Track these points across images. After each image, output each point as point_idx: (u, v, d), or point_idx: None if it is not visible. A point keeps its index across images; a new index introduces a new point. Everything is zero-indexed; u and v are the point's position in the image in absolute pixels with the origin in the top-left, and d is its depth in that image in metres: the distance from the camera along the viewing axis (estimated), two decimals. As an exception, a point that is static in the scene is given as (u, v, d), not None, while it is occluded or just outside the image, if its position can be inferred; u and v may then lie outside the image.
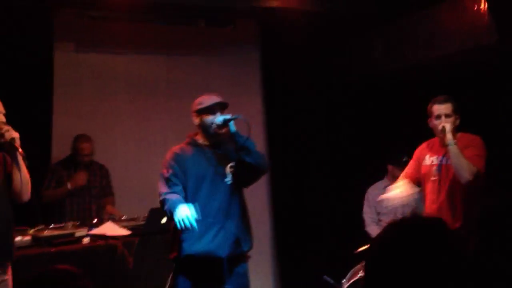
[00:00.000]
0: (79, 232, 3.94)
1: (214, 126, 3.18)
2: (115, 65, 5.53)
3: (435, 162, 3.60)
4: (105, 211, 4.73)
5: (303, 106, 5.78)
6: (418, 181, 3.77)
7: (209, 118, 3.22)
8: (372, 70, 5.37)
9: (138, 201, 3.63)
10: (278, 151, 5.89)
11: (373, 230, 4.86)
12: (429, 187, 3.61)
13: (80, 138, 4.78)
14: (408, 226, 1.21)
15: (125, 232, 4.00)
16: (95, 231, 4.00)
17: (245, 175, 3.24)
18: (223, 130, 3.18)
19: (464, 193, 3.46)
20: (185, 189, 3.18)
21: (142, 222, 4.07)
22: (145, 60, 5.65)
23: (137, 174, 5.12)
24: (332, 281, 4.56)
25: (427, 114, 3.60)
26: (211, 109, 3.24)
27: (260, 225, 5.88)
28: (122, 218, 4.38)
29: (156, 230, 3.88)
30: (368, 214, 4.95)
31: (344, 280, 4.35)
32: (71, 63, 5.29)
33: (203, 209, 3.09)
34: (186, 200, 3.12)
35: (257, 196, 5.89)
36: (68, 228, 4.00)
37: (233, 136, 3.16)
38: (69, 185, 4.61)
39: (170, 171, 3.17)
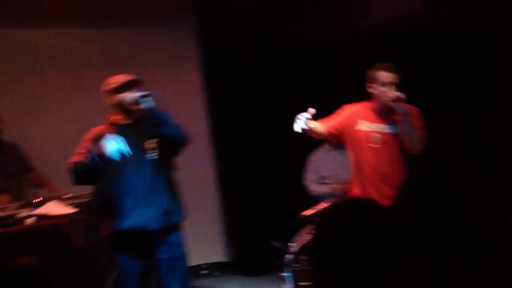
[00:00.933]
0: (21, 213, 3.84)
1: (129, 103, 3.20)
2: (46, 40, 5.34)
3: (375, 129, 3.59)
4: (48, 189, 4.60)
5: (244, 75, 5.78)
6: (336, 138, 3.77)
7: (123, 96, 3.23)
8: (310, 38, 5.41)
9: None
10: (221, 121, 5.91)
11: (316, 188, 5.00)
12: (367, 154, 3.58)
13: None
14: (346, 210, 1.26)
15: (70, 210, 3.94)
16: (39, 211, 3.91)
17: (167, 149, 3.30)
18: (138, 107, 3.18)
19: (402, 162, 3.54)
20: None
21: (88, 199, 4.00)
22: (78, 34, 5.49)
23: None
24: (279, 245, 4.68)
25: (369, 79, 3.56)
26: (124, 87, 3.25)
27: (207, 194, 5.93)
28: (67, 196, 4.30)
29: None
30: (310, 178, 5.08)
31: (291, 243, 4.47)
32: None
33: (130, 185, 3.18)
34: (111, 179, 3.20)
35: (203, 166, 5.93)
36: (9, 209, 3.88)
37: (149, 112, 3.19)
38: None
39: (83, 145, 3.24)
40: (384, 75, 3.48)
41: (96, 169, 3.12)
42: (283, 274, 4.42)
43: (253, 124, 5.82)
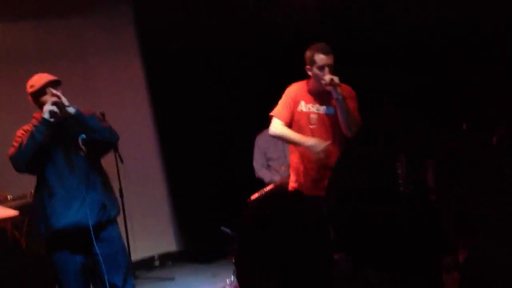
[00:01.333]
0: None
1: (47, 113, 3.14)
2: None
3: (314, 110, 3.63)
4: None
5: (186, 63, 5.74)
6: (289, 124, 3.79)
7: (43, 100, 3.20)
8: (249, 20, 5.42)
9: (22, 177, 3.48)
10: (165, 110, 5.86)
11: (264, 174, 5.07)
12: (305, 135, 3.61)
13: None
14: (273, 203, 1.28)
15: (12, 212, 3.85)
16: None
17: (96, 150, 3.35)
18: (60, 115, 3.16)
19: (339, 142, 3.62)
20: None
21: (30, 200, 3.91)
22: (10, 28, 5.30)
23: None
24: (229, 231, 4.73)
25: (306, 61, 3.57)
26: (43, 90, 3.22)
27: (154, 185, 5.90)
28: (8, 198, 4.19)
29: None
30: (258, 161, 5.13)
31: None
32: None
33: (62, 184, 3.19)
34: (44, 175, 3.20)
35: (149, 157, 5.89)
36: None
37: (74, 118, 3.18)
38: None
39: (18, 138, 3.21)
40: (320, 58, 3.49)
41: (35, 145, 3.10)
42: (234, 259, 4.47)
43: (198, 111, 5.80)
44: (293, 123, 3.68)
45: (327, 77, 3.44)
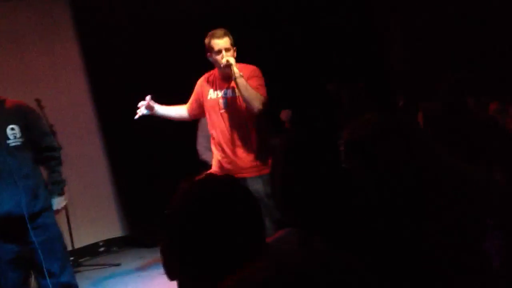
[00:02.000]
0: None
1: None
2: None
3: (220, 95, 3.67)
4: None
5: (122, 44, 5.62)
6: (198, 116, 3.92)
7: None
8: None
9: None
10: (104, 92, 5.73)
11: (209, 157, 5.05)
12: (217, 120, 3.67)
13: None
14: (202, 187, 1.27)
15: None
16: None
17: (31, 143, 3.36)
18: None
19: (252, 123, 3.63)
20: None
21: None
22: None
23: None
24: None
25: (205, 49, 3.62)
26: None
27: (96, 171, 5.79)
28: None
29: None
30: (202, 144, 5.10)
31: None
32: None
33: None
34: None
35: (90, 142, 5.76)
36: None
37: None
38: None
39: None
40: (214, 43, 3.53)
41: None
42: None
43: (138, 92, 5.69)
44: (206, 112, 3.75)
45: (224, 59, 3.49)
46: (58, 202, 3.41)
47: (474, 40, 4.59)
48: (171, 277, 1.26)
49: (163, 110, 3.86)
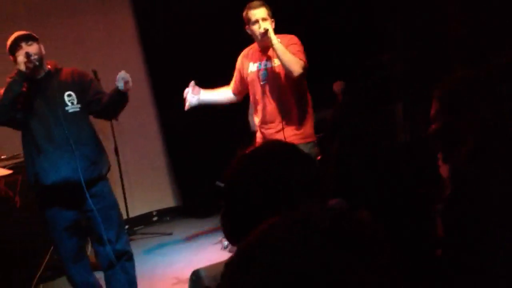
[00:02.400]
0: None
1: (22, 64, 3.14)
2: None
3: (261, 67, 3.64)
4: None
5: (178, 20, 5.63)
6: (243, 93, 3.86)
7: (18, 58, 3.18)
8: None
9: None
10: (160, 64, 5.79)
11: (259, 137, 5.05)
12: (258, 92, 3.66)
13: None
14: (261, 152, 1.25)
15: (5, 172, 3.85)
16: (-27, 175, 3.81)
17: (89, 109, 3.40)
18: (31, 65, 3.15)
19: (294, 93, 3.59)
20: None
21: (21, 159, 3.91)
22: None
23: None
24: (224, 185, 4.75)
25: (244, 22, 3.59)
26: (16, 46, 3.21)
27: (151, 142, 5.90)
28: (2, 157, 4.20)
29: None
30: (253, 115, 5.10)
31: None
32: None
33: (50, 139, 3.20)
34: (31, 131, 3.22)
35: (144, 113, 5.87)
36: None
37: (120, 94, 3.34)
38: None
39: None
40: (252, 14, 3.51)
41: (12, 96, 3.13)
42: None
43: (193, 67, 5.72)
44: (249, 86, 3.73)
45: (260, 29, 3.46)
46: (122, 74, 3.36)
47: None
48: (232, 241, 1.26)
49: (208, 95, 3.86)
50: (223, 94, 3.89)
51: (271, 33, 3.41)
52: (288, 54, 3.42)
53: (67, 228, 3.32)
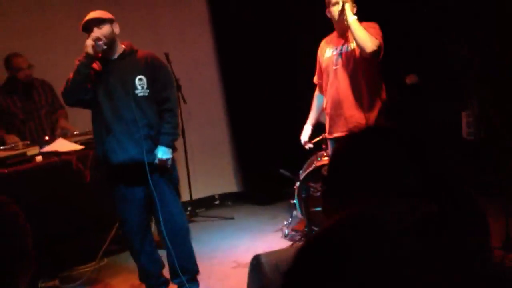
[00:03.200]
0: (31, 151, 3.90)
1: (90, 47, 3.23)
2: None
3: (336, 52, 3.61)
4: (58, 126, 4.64)
5: (252, 4, 5.62)
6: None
7: (86, 41, 3.27)
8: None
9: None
10: (229, 52, 5.81)
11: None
12: (332, 76, 3.62)
13: (12, 56, 4.54)
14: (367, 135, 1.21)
15: (77, 147, 3.98)
16: (47, 148, 3.96)
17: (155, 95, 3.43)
18: (99, 49, 3.24)
19: (366, 78, 3.52)
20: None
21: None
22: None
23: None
24: (288, 174, 4.72)
25: (325, 5, 3.57)
26: (87, 29, 3.29)
27: (217, 127, 5.95)
28: (75, 133, 4.34)
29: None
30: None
31: (301, 171, 4.50)
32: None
33: (120, 119, 3.29)
34: (102, 112, 3.32)
35: (212, 98, 5.91)
36: (19, 148, 3.94)
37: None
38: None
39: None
40: None
41: (83, 75, 3.25)
42: (293, 201, 4.49)
43: (263, 55, 5.71)
44: (323, 72, 3.72)
45: (338, 5, 3.45)
46: (162, 152, 3.34)
47: None
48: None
49: (315, 118, 4.01)
50: (319, 103, 3.92)
51: (347, 9, 3.39)
52: (363, 31, 3.36)
53: (133, 204, 3.42)
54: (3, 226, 1.26)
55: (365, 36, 3.35)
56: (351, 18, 3.39)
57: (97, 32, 3.24)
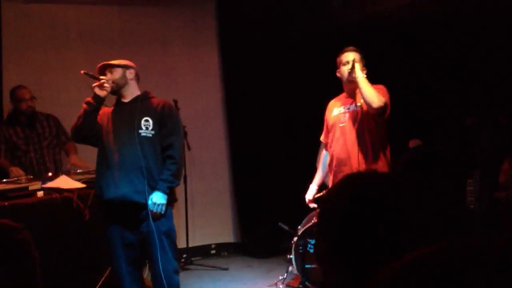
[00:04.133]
0: (33, 186, 3.92)
1: (97, 88, 3.44)
2: (66, 15, 5.40)
3: (343, 110, 3.70)
4: (69, 161, 4.69)
5: (261, 57, 5.76)
6: None
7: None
8: (331, 22, 5.37)
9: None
10: (236, 103, 5.91)
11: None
12: (338, 133, 3.68)
13: (16, 88, 4.68)
14: (359, 180, 1.20)
15: (79, 185, 4.01)
16: (49, 184, 3.99)
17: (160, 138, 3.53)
18: (107, 91, 3.45)
19: (371, 137, 3.58)
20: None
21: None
22: (98, 10, 5.54)
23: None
24: (287, 228, 4.71)
25: (336, 66, 3.68)
26: (101, 71, 3.53)
27: (218, 176, 5.97)
28: (78, 171, 4.38)
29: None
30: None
31: (299, 226, 4.49)
32: (20, 14, 5.14)
33: (122, 157, 3.37)
34: (105, 148, 3.45)
35: (216, 147, 5.96)
36: (22, 182, 3.98)
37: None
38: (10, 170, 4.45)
39: None
40: (344, 56, 3.61)
41: (90, 115, 3.40)
42: (290, 256, 4.46)
43: (268, 108, 5.81)
44: (330, 131, 3.79)
45: (349, 63, 3.55)
46: (156, 197, 3.33)
47: None
48: (320, 263, 1.20)
49: (320, 178, 3.99)
50: (325, 162, 3.93)
51: (357, 67, 3.49)
52: (370, 88, 3.45)
53: (123, 247, 3.43)
54: (16, 251, 1.28)
55: (372, 93, 3.43)
56: (360, 75, 3.48)
57: (108, 76, 3.40)
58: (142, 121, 3.42)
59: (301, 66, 5.66)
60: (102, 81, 3.39)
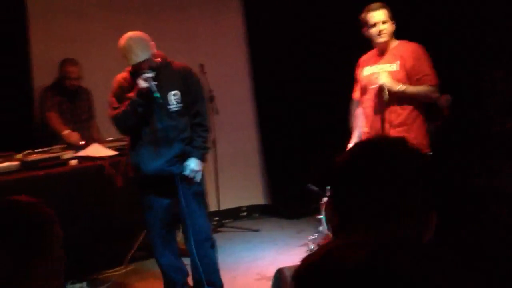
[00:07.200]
0: (66, 155, 4.01)
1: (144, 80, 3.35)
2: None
3: (375, 70, 3.54)
4: (90, 136, 4.78)
5: (286, 16, 5.67)
6: None
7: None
8: None
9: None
10: (262, 64, 5.86)
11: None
12: (368, 96, 3.57)
13: (67, 62, 4.76)
14: (375, 145, 1.21)
15: (111, 152, 4.07)
16: (82, 153, 4.07)
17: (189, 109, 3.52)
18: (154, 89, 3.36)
19: (404, 101, 3.46)
20: None
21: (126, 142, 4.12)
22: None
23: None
24: (316, 189, 4.71)
25: (362, 24, 3.51)
26: (140, 69, 3.40)
27: (247, 138, 5.99)
28: (108, 139, 4.44)
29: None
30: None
31: (328, 186, 4.49)
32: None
33: (154, 132, 3.40)
34: (138, 124, 3.44)
35: (243, 110, 5.96)
36: (55, 151, 4.06)
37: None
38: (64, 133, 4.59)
39: (114, 99, 3.48)
40: (370, 16, 3.43)
41: (136, 114, 3.37)
42: (320, 216, 4.48)
43: (295, 67, 5.74)
44: (361, 90, 3.67)
45: (377, 33, 3.41)
46: (192, 165, 3.42)
47: None
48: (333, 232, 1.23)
49: (358, 137, 3.72)
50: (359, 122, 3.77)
51: (385, 93, 3.36)
52: (420, 92, 3.37)
53: (160, 214, 3.52)
54: (39, 222, 1.32)
55: (425, 94, 3.38)
56: (397, 90, 3.36)
57: (149, 73, 3.33)
58: (171, 96, 3.42)
59: (328, 23, 5.54)
60: (147, 77, 3.32)
